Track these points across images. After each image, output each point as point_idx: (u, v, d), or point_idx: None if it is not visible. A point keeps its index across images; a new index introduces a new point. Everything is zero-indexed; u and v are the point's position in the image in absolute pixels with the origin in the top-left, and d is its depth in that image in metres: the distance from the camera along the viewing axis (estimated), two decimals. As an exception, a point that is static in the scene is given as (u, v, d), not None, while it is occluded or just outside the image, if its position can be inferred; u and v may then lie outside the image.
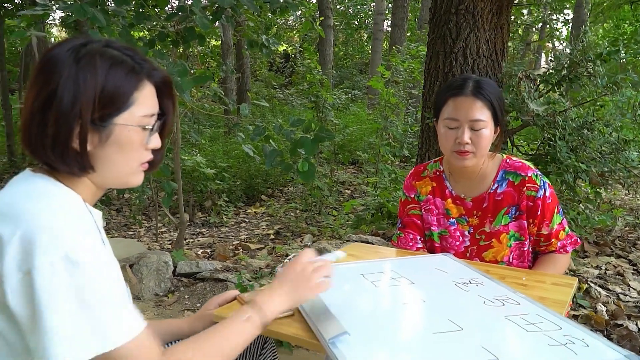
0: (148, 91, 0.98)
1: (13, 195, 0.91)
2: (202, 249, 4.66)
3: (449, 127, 1.65)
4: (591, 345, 1.06)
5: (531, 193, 1.68)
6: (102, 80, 0.91)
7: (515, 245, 1.73)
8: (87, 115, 0.91)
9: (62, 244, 0.83)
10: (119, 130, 0.94)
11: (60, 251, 0.83)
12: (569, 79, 2.77)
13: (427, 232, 1.84)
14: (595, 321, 2.51)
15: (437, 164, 1.85)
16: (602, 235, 3.59)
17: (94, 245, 0.88)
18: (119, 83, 0.93)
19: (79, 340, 0.83)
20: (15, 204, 0.88)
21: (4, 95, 7.72)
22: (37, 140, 0.92)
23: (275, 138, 3.96)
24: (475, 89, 1.62)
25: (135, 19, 3.08)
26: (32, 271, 0.82)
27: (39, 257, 0.82)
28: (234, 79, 10.06)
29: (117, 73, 0.93)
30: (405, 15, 11.36)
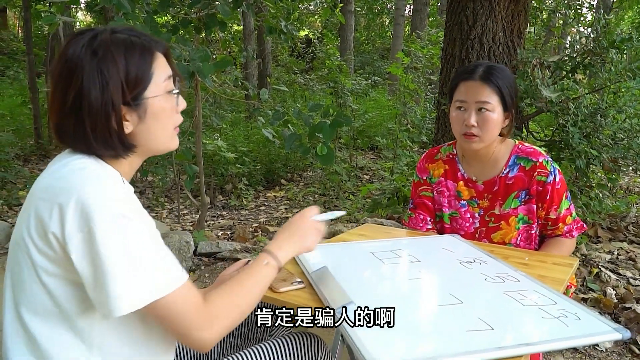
0: (160, 60, 1.06)
1: (60, 171, 0.99)
2: (222, 230, 4.78)
3: (458, 109, 1.72)
4: (583, 318, 1.13)
5: (541, 178, 1.74)
6: (124, 65, 0.99)
7: (523, 228, 1.79)
8: (119, 100, 0.98)
9: (113, 204, 0.93)
10: (152, 102, 1.03)
11: (114, 210, 0.92)
12: (583, 66, 2.78)
13: (439, 213, 1.90)
14: (603, 304, 2.56)
15: (450, 147, 1.91)
16: (615, 221, 3.61)
17: (138, 207, 0.98)
18: (138, 63, 1.01)
19: (136, 289, 0.92)
20: (65, 177, 0.97)
21: (31, 78, 7.89)
22: (78, 136, 1.00)
23: (295, 123, 4.04)
24: (484, 74, 1.69)
25: (159, 5, 3.17)
26: (93, 229, 0.90)
27: (96, 216, 0.91)
28: (255, 64, 10.13)
29: (133, 55, 1.00)
30: (426, 1, 11.27)
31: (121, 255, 0.92)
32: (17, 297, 1.00)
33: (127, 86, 0.99)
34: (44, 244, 0.95)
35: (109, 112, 0.98)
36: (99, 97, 0.97)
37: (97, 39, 0.99)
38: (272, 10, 4.40)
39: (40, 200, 0.96)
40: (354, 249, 1.63)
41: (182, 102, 1.12)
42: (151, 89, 1.03)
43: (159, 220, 5.05)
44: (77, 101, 0.97)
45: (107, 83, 0.97)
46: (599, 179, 3.28)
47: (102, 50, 0.98)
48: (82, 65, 0.97)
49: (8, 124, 9.10)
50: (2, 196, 5.51)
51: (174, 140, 1.12)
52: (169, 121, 1.08)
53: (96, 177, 0.96)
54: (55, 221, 0.93)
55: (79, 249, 0.92)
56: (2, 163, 6.37)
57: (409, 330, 1.08)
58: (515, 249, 1.74)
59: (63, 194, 0.93)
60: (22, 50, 15.11)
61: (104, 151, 1.02)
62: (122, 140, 1.02)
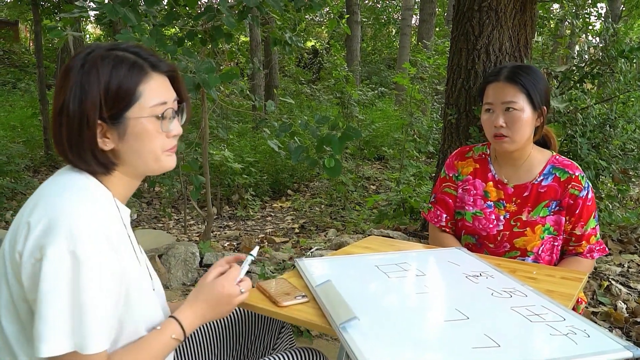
0: (156, 82, 1.03)
1: (49, 188, 0.99)
2: (228, 241, 4.77)
3: (487, 112, 1.73)
4: (592, 335, 1.10)
5: (574, 192, 1.72)
6: (105, 80, 0.97)
7: (548, 239, 1.77)
8: (94, 115, 0.97)
9: (75, 240, 0.89)
10: (133, 123, 1.01)
11: (71, 246, 0.89)
12: (592, 76, 2.76)
13: (462, 212, 1.88)
14: (614, 318, 2.52)
15: (484, 147, 1.91)
16: (626, 233, 3.56)
17: (104, 249, 0.93)
18: (122, 80, 0.99)
19: (60, 335, 0.89)
20: (47, 195, 0.97)
21: (42, 91, 7.97)
22: (58, 143, 1.01)
23: (302, 134, 4.04)
24: (509, 74, 1.70)
25: (165, 18, 3.18)
26: (43, 259, 0.89)
27: (51, 247, 0.88)
28: (262, 75, 10.17)
29: (119, 71, 0.99)
30: (433, 11, 11.29)
31: (59, 295, 0.89)
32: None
33: (105, 103, 0.98)
34: (10, 260, 0.95)
35: (83, 126, 0.98)
36: (76, 110, 0.97)
37: (91, 54, 1.00)
38: (279, 22, 4.42)
39: (21, 214, 0.96)
40: (359, 262, 1.60)
41: (175, 126, 1.08)
42: (134, 109, 1.01)
43: (165, 231, 5.05)
44: (61, 108, 0.98)
45: (85, 97, 0.97)
46: (608, 190, 3.24)
47: (89, 64, 0.98)
48: (70, 76, 0.98)
49: (19, 136, 9.19)
50: (12, 207, 5.55)
51: (164, 161, 1.08)
52: (153, 143, 1.04)
53: (77, 202, 0.94)
54: (22, 239, 0.92)
55: (28, 273, 0.91)
56: (13, 174, 6.42)
57: (414, 346, 1.06)
58: (523, 262, 1.71)
59: (36, 214, 0.93)
60: (33, 63, 15.30)
61: (79, 163, 1.01)
62: (95, 156, 1.00)
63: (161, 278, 3.31)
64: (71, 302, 0.89)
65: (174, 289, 3.28)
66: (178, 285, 3.33)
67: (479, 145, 1.93)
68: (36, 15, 7.93)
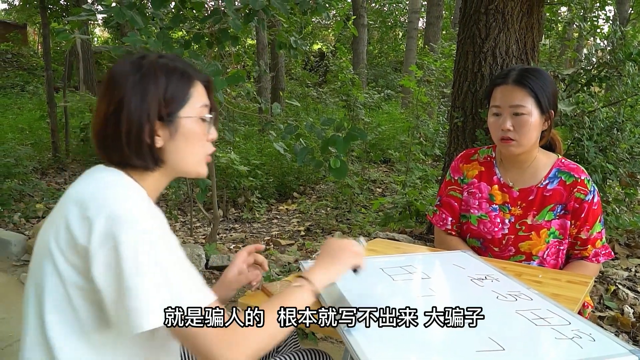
0: (199, 87, 1.13)
1: (93, 185, 1.04)
2: (234, 243, 4.78)
3: (494, 115, 1.72)
4: (598, 340, 1.09)
5: (580, 195, 1.71)
6: (164, 82, 1.07)
7: (553, 243, 1.76)
8: (154, 113, 1.06)
9: (141, 221, 0.96)
10: (184, 122, 1.09)
11: (141, 226, 0.95)
12: (599, 79, 2.75)
13: (467, 215, 1.87)
14: (621, 323, 2.50)
15: (489, 150, 1.90)
16: (633, 237, 3.54)
17: (165, 225, 1.01)
18: (177, 83, 1.09)
19: (158, 306, 0.93)
20: (98, 191, 1.01)
21: (50, 93, 8.02)
22: (113, 140, 1.06)
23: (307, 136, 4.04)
24: (517, 77, 1.69)
25: (172, 21, 3.20)
26: (117, 245, 0.93)
27: (122, 233, 0.93)
28: (269, 78, 10.19)
29: (173, 76, 1.09)
30: (439, 14, 11.27)
31: (145, 271, 0.93)
32: (42, 305, 1.01)
33: (164, 102, 1.07)
34: (72, 255, 0.98)
35: (143, 122, 1.05)
36: (137, 107, 1.05)
37: (144, 59, 1.09)
38: (285, 25, 4.43)
39: (72, 212, 0.99)
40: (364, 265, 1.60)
41: (214, 132, 1.17)
42: (186, 109, 1.10)
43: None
44: (118, 109, 1.05)
45: (146, 95, 1.05)
46: (616, 193, 3.22)
47: (146, 68, 1.07)
48: (126, 78, 1.06)
49: (27, 138, 9.25)
50: (20, 209, 5.58)
51: (203, 167, 1.17)
52: (198, 145, 1.14)
53: (126, 194, 1.01)
54: (84, 234, 0.96)
55: (102, 264, 0.94)
56: (21, 176, 6.46)
57: (418, 349, 1.06)
58: (528, 266, 1.71)
59: (93, 208, 0.97)
60: (41, 66, 15.41)
61: (135, 160, 1.07)
62: (152, 152, 1.08)
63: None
64: (161, 273, 0.94)
65: (180, 291, 3.28)
66: (184, 287, 3.33)
67: (484, 148, 1.92)
68: (44, 18, 7.99)
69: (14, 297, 3.44)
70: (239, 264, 1.39)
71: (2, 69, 16.64)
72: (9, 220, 5.22)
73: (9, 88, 14.61)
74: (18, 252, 4.03)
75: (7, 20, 20.51)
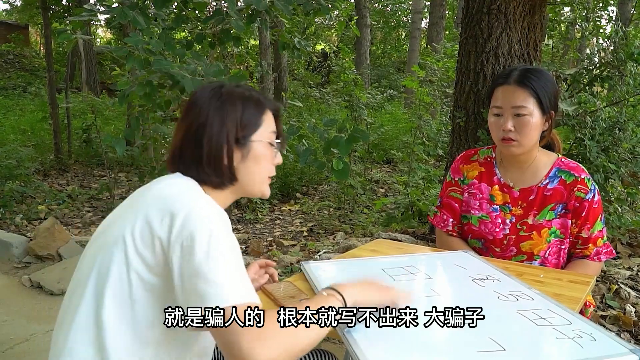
0: (269, 115, 1.24)
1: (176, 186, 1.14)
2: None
3: (495, 115, 1.71)
4: (599, 339, 1.09)
5: (580, 194, 1.71)
6: (240, 109, 1.18)
7: (554, 242, 1.75)
8: (232, 136, 1.17)
9: (214, 221, 1.04)
10: (256, 146, 1.20)
11: (217, 224, 1.04)
12: (601, 79, 2.74)
13: (468, 216, 1.87)
14: (623, 322, 2.50)
15: (489, 151, 1.90)
16: (635, 236, 3.53)
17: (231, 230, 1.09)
18: (252, 110, 1.20)
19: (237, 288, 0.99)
20: (181, 191, 1.11)
21: (52, 94, 8.03)
22: (193, 161, 1.17)
23: (310, 137, 4.04)
24: (519, 78, 1.68)
25: (174, 22, 3.21)
26: (194, 232, 1.01)
27: (200, 225, 1.02)
28: (272, 79, 10.20)
29: (249, 104, 1.20)
30: (442, 14, 11.27)
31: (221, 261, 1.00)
32: (101, 289, 1.06)
33: (240, 126, 1.18)
34: (146, 247, 1.05)
35: (222, 143, 1.16)
36: (218, 130, 1.16)
37: (223, 88, 1.21)
38: (288, 25, 4.43)
39: (153, 206, 1.07)
40: (365, 265, 1.61)
41: (279, 156, 1.28)
42: (258, 134, 1.20)
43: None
44: (200, 130, 1.16)
45: (226, 119, 1.16)
46: (618, 193, 3.21)
47: (225, 95, 1.19)
48: (209, 103, 1.18)
49: (29, 139, 9.28)
50: (22, 210, 5.59)
51: (267, 187, 1.27)
52: (265, 167, 1.24)
53: (205, 197, 1.11)
54: (165, 227, 1.03)
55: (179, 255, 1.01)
56: (23, 177, 6.47)
57: (419, 350, 1.06)
58: (530, 266, 1.70)
59: (177, 204, 1.06)
60: (43, 67, 15.47)
61: (212, 177, 1.18)
62: (229, 171, 1.18)
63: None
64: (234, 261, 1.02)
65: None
66: (186, 288, 3.34)
67: (484, 149, 1.92)
68: (46, 19, 8.01)
69: (15, 299, 3.44)
70: (251, 274, 1.44)
71: (4, 70, 16.68)
72: (11, 222, 5.22)
73: (11, 89, 14.64)
74: (19, 254, 4.03)
75: (9, 21, 20.56)
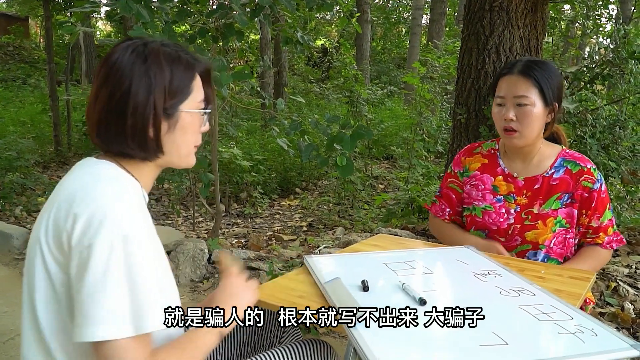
0: (198, 80, 1.12)
1: (83, 179, 1.03)
2: (236, 238, 4.80)
3: (498, 105, 1.73)
4: (600, 334, 1.10)
5: (588, 184, 1.72)
6: (169, 74, 1.05)
7: (559, 232, 1.76)
8: (160, 105, 1.04)
9: (123, 225, 0.94)
10: (184, 116, 1.09)
11: (121, 231, 0.93)
12: (602, 77, 2.76)
13: (470, 207, 1.88)
14: (621, 319, 2.51)
15: (493, 143, 1.91)
16: (634, 234, 3.55)
17: (149, 231, 1.00)
18: (181, 75, 1.07)
19: (118, 318, 0.91)
20: (87, 186, 1.00)
21: (52, 87, 8.02)
22: (116, 133, 1.04)
23: (311, 132, 4.04)
24: (523, 68, 1.70)
25: (177, 15, 3.21)
26: (93, 246, 0.92)
27: (101, 234, 0.92)
28: (272, 73, 10.19)
29: (178, 67, 1.07)
30: (443, 11, 11.25)
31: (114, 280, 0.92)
32: (32, 293, 1.01)
33: (168, 94, 1.05)
34: (57, 250, 0.97)
35: (149, 115, 1.04)
36: (144, 99, 1.02)
37: (147, 47, 1.06)
38: (289, 20, 4.43)
39: (60, 205, 0.98)
40: (367, 260, 1.62)
41: (207, 124, 1.18)
42: (187, 103, 1.09)
43: (174, 228, 5.08)
44: (122, 101, 1.02)
45: (153, 87, 1.03)
46: (617, 191, 3.23)
47: (151, 58, 1.04)
48: (131, 69, 1.03)
49: (29, 131, 9.27)
50: (22, 202, 5.60)
51: (192, 157, 1.17)
52: (192, 138, 1.13)
53: (115, 192, 0.99)
54: (68, 229, 0.95)
55: (77, 260, 0.94)
56: (22, 169, 6.47)
57: (421, 343, 1.07)
58: (531, 261, 1.71)
59: (81, 204, 0.96)
60: (43, 59, 15.43)
61: (137, 152, 1.06)
62: (155, 143, 1.07)
63: (170, 274, 3.34)
64: (128, 284, 0.92)
65: (183, 285, 3.30)
66: (186, 282, 3.35)
67: (488, 142, 1.93)
68: (47, 11, 7.98)
69: (16, 290, 3.46)
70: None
71: (4, 61, 16.63)
72: (11, 213, 5.23)
73: (11, 81, 14.60)
74: (20, 245, 4.04)
75: (9, 13, 20.48)
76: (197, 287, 3.28)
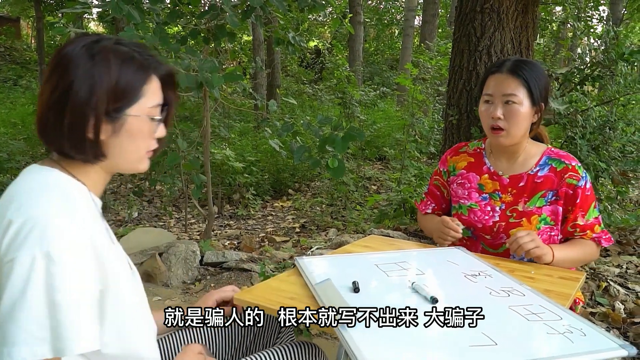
0: (154, 84, 1.05)
1: (22, 185, 0.98)
2: (229, 240, 4.79)
3: (486, 103, 1.74)
4: (588, 335, 1.11)
5: (572, 181, 1.72)
6: (116, 75, 0.98)
7: (544, 229, 1.77)
8: (102, 107, 0.98)
9: (49, 241, 0.88)
10: (131, 120, 1.02)
11: (45, 247, 0.87)
12: (592, 78, 2.78)
13: (457, 205, 1.90)
14: (612, 319, 2.53)
15: (479, 143, 1.93)
16: (625, 234, 3.57)
17: (81, 250, 0.92)
18: (131, 77, 1.00)
19: (36, 339, 0.86)
20: (22, 194, 0.95)
21: (43, 88, 7.99)
22: (54, 131, 0.99)
23: (304, 134, 4.05)
24: (512, 67, 1.71)
25: (169, 16, 3.20)
26: (15, 260, 0.86)
27: (24, 249, 0.87)
28: (265, 75, 10.18)
29: (128, 68, 1.00)
30: (435, 12, 11.29)
31: (33, 298, 0.86)
32: None
33: (112, 97, 0.98)
34: None
35: (89, 115, 0.97)
36: (85, 98, 0.96)
37: (98, 44, 1.00)
38: (282, 22, 4.43)
39: (2, 207, 0.94)
40: (358, 261, 1.62)
41: (162, 129, 1.10)
42: (135, 107, 1.02)
43: (166, 229, 5.06)
44: (64, 94, 0.96)
45: (96, 87, 0.97)
46: (608, 191, 3.25)
47: (100, 55, 0.98)
48: (77, 63, 0.97)
49: (20, 133, 9.20)
50: (12, 204, 5.55)
51: (144, 163, 1.10)
52: (142, 144, 1.06)
53: (54, 204, 0.93)
54: (1, 234, 0.90)
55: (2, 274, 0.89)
56: (13, 171, 6.43)
57: (412, 344, 1.07)
58: (521, 262, 1.72)
59: (15, 211, 0.91)
60: (34, 60, 15.32)
61: (74, 153, 1.00)
62: (94, 146, 1.00)
63: (161, 276, 3.33)
64: (47, 303, 0.87)
65: (174, 287, 3.29)
66: (178, 284, 3.34)
67: (475, 141, 1.96)
68: (38, 12, 7.97)
69: None
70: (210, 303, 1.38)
71: (-5, 62, 16.53)
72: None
73: (1, 82, 14.48)
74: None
75: (0, 14, 20.36)
76: (189, 289, 3.27)
